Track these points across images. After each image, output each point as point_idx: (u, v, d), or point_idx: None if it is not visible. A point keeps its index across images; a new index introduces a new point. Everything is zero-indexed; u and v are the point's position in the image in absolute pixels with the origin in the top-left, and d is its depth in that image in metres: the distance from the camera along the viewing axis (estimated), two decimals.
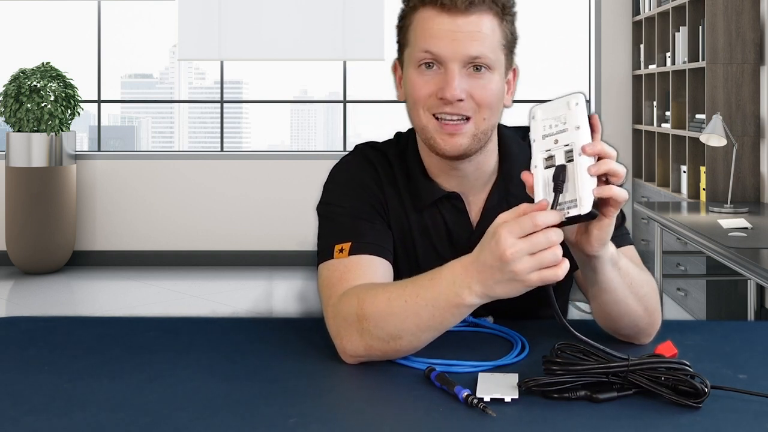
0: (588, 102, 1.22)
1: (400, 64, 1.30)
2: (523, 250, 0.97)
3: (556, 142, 1.00)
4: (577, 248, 1.07)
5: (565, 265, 0.98)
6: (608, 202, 1.00)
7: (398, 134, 1.39)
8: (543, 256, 0.97)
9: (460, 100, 1.19)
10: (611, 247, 1.08)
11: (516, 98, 1.30)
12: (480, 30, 1.18)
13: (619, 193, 0.99)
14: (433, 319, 1.07)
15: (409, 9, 1.24)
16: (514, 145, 1.34)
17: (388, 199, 1.31)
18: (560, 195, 0.98)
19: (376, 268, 1.21)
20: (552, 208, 0.98)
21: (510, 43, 1.24)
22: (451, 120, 1.20)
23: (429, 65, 1.20)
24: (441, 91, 1.19)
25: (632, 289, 1.13)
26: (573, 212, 0.98)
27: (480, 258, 1.02)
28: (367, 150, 1.36)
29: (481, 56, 1.18)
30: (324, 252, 1.25)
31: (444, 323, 1.08)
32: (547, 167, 1.00)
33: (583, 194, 0.97)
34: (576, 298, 1.72)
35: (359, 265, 1.20)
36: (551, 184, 0.99)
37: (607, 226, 1.03)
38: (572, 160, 0.99)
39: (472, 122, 1.21)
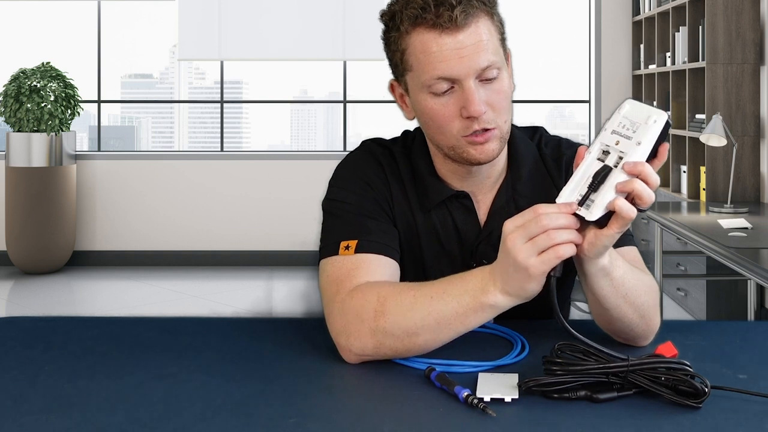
0: (669, 126, 1.23)
1: (399, 85, 1.28)
2: (520, 237, 1.00)
3: (617, 143, 1.02)
4: None
5: (567, 247, 1.00)
6: (615, 214, 1.01)
7: (406, 132, 1.39)
8: (537, 241, 0.99)
9: (484, 112, 1.18)
10: (605, 260, 1.08)
11: (517, 98, 1.31)
12: (481, 38, 1.18)
13: (622, 206, 0.99)
14: (456, 318, 1.08)
15: (400, 34, 1.21)
16: (523, 145, 1.34)
17: (393, 197, 1.31)
18: (590, 192, 1.00)
19: (384, 267, 1.20)
20: (581, 204, 1.00)
21: (503, 34, 1.24)
22: (479, 131, 1.20)
23: (443, 89, 1.19)
24: (464, 110, 1.18)
25: (627, 299, 1.13)
26: (582, 212, 1.00)
27: (498, 256, 1.05)
28: (373, 146, 1.35)
29: (491, 64, 1.18)
30: (328, 248, 1.23)
31: (466, 323, 1.08)
32: (598, 159, 1.02)
33: (597, 203, 1.00)
34: (576, 299, 1.73)
35: (367, 264, 1.19)
36: (590, 179, 1.01)
37: (603, 236, 1.03)
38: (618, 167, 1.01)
39: (498, 128, 1.21)
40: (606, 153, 1.02)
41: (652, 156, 1.02)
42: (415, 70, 1.21)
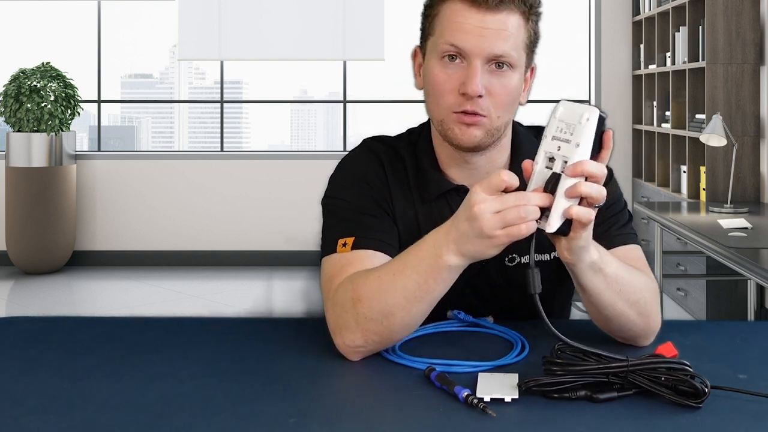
0: (603, 119, 1.22)
1: (421, 51, 1.30)
2: (490, 207, 1.00)
3: (559, 149, 1.02)
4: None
5: (531, 225, 1.00)
6: (574, 221, 1.02)
7: (410, 130, 1.40)
8: (507, 214, 1.00)
9: (480, 96, 1.19)
10: (593, 254, 1.08)
11: None
12: (506, 28, 1.19)
13: (578, 213, 1.00)
14: (419, 288, 1.09)
15: None
16: (527, 143, 1.35)
17: (393, 194, 1.31)
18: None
19: (378, 262, 1.21)
20: (539, 218, 1.01)
21: (532, 43, 1.25)
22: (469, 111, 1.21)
23: (452, 57, 1.21)
24: (463, 86, 1.19)
25: (622, 295, 1.13)
26: (541, 225, 1.01)
27: (456, 217, 1.06)
28: (374, 144, 1.36)
29: (504, 55, 1.19)
30: (327, 246, 1.25)
31: (430, 291, 1.09)
32: (546, 167, 1.02)
33: (553, 214, 1.00)
34: (577, 299, 1.73)
35: (361, 260, 1.20)
36: (542, 190, 1.02)
37: (574, 240, 1.04)
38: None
39: (488, 119, 1.22)
40: (552, 160, 1.02)
41: (597, 149, 1.02)
42: (436, 35, 1.24)
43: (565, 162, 1.00)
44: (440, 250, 1.07)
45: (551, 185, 1.00)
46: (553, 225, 1.01)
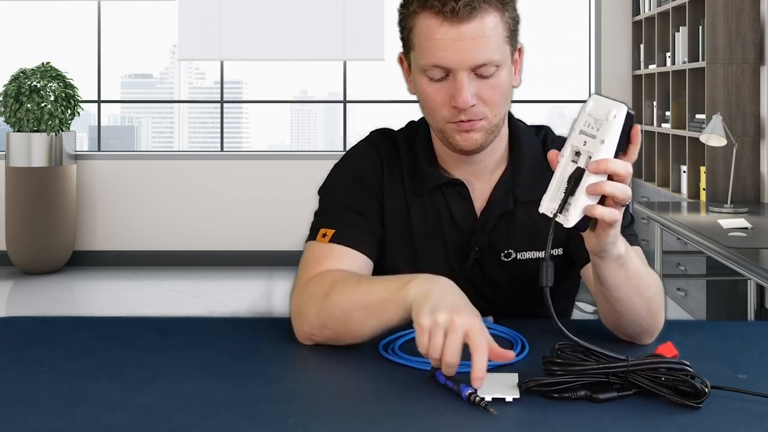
0: (631, 116, 1.22)
1: (405, 59, 1.30)
2: (455, 340, 1.00)
3: (585, 143, 1.01)
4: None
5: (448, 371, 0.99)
6: (599, 221, 1.01)
7: (410, 122, 1.41)
8: (435, 351, 1.01)
9: (472, 105, 1.19)
10: (619, 248, 1.08)
11: (518, 99, 1.31)
12: (483, 34, 1.18)
13: (603, 213, 0.99)
14: (383, 303, 1.11)
15: (409, 13, 1.23)
16: (527, 139, 1.35)
17: (385, 186, 1.34)
18: (568, 197, 1.00)
19: (351, 260, 1.25)
20: (559, 211, 1.00)
21: (513, 31, 1.24)
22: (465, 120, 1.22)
23: (437, 72, 1.20)
24: (452, 99, 1.19)
25: (638, 291, 1.13)
26: (560, 219, 1.00)
27: (447, 291, 1.09)
28: (377, 137, 1.39)
29: (488, 62, 1.18)
30: (312, 231, 1.31)
31: (386, 310, 1.11)
32: (573, 161, 1.02)
33: (572, 210, 1.00)
34: (578, 299, 1.73)
35: (337, 254, 1.25)
36: (565, 183, 1.01)
37: (599, 237, 1.04)
38: None
39: (486, 120, 1.23)
40: (578, 154, 1.01)
41: (624, 147, 1.01)
42: (416, 51, 1.23)
43: (590, 157, 0.99)
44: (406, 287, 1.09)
45: (574, 179, 1.00)
46: (571, 220, 1.00)
